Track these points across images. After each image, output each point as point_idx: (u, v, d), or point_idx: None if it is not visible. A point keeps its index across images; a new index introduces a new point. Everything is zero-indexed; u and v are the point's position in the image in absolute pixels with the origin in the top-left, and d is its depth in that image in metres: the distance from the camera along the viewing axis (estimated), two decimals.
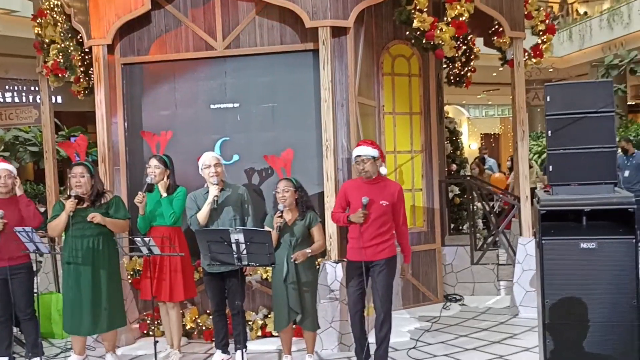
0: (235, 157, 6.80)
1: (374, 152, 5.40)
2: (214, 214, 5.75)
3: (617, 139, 6.54)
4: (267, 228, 5.51)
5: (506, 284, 7.98)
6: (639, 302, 3.97)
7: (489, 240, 8.51)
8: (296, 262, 5.49)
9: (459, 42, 8.76)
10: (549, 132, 4.26)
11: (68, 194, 5.73)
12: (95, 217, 5.61)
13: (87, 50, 7.35)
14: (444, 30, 6.42)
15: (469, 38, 9.02)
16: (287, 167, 5.91)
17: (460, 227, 9.92)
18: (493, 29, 7.66)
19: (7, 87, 19.07)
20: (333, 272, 6.20)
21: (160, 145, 6.19)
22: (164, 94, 7.04)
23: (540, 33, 7.80)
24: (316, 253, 5.71)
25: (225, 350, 5.99)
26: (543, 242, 4.07)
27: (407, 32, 6.62)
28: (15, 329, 6.30)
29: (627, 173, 11.86)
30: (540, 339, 4.30)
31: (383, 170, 5.50)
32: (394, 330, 5.63)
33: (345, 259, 5.73)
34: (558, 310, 4.06)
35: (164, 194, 5.90)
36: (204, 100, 6.95)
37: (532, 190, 7.36)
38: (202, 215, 5.73)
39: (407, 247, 5.60)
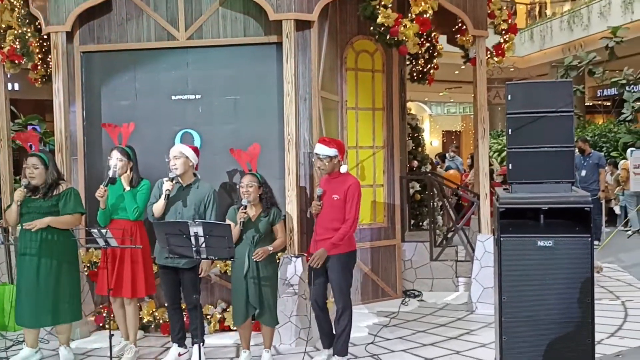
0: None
1: (331, 152, 5.46)
2: (172, 210, 5.67)
3: (575, 139, 6.62)
4: (228, 221, 5.46)
5: (464, 280, 8.07)
6: (592, 300, 4.03)
7: (449, 236, 8.57)
8: (255, 259, 5.45)
9: (422, 39, 8.88)
10: (509, 130, 4.30)
11: (22, 183, 5.61)
12: (34, 225, 5.48)
13: (45, 37, 7.18)
14: (408, 26, 6.44)
15: (432, 35, 9.08)
16: (253, 162, 5.85)
17: (420, 224, 9.98)
18: (456, 26, 7.72)
19: None
20: (293, 267, 6.18)
21: (123, 136, 6.06)
22: (124, 83, 6.92)
23: (503, 32, 7.88)
24: (277, 250, 5.68)
25: (181, 344, 5.92)
26: (501, 239, 4.11)
27: (372, 28, 6.61)
28: None
29: (583, 173, 12.09)
30: (496, 335, 4.34)
31: (343, 169, 5.51)
32: (352, 325, 5.64)
33: (306, 253, 5.73)
34: (514, 307, 4.11)
35: (127, 187, 5.77)
36: (165, 91, 6.85)
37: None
38: (156, 208, 5.64)
39: (336, 236, 5.36)
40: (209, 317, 6.53)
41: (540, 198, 4.14)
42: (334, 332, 5.54)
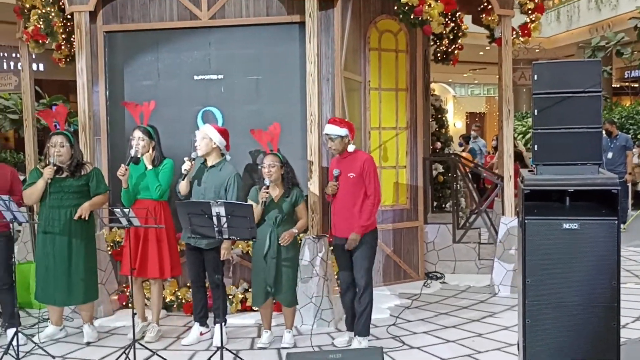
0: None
1: (342, 132, 5.45)
2: (196, 190, 5.69)
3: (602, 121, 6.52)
4: (250, 202, 5.45)
5: (487, 263, 8.01)
6: (618, 283, 3.97)
7: (472, 218, 8.51)
8: (282, 244, 5.45)
9: (447, 19, 8.76)
10: (535, 111, 4.22)
11: (46, 162, 5.64)
12: (83, 212, 5.57)
13: (69, 16, 7.19)
14: (432, 6, 6.35)
15: (457, 15, 8.96)
16: (274, 141, 5.82)
17: (443, 206, 9.92)
18: (482, 6, 7.60)
19: None
20: (314, 248, 6.17)
21: (144, 115, 6.07)
22: (146, 63, 6.92)
23: (529, 12, 7.74)
24: (301, 230, 5.66)
25: (203, 323, 5.95)
26: (526, 221, 4.05)
27: (395, 7, 6.52)
28: None
29: (610, 155, 11.92)
30: (519, 318, 4.30)
31: (351, 148, 5.48)
32: (374, 307, 5.62)
33: (328, 235, 5.72)
34: (538, 289, 4.05)
35: (150, 166, 5.78)
36: (187, 71, 6.84)
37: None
38: (180, 187, 5.74)
39: (363, 217, 5.37)
40: (230, 297, 6.56)
41: (566, 180, 4.06)
42: (356, 311, 5.53)
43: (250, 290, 6.52)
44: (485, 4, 7.50)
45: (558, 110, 4.17)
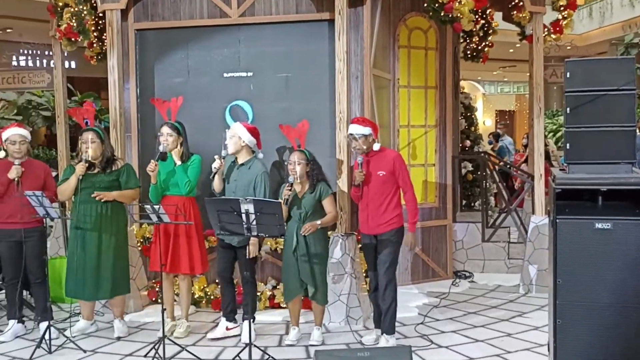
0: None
1: (365, 130, 5.40)
2: (228, 188, 5.74)
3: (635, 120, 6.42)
4: (280, 199, 5.48)
5: (517, 262, 7.94)
6: None
7: (501, 217, 8.43)
8: (305, 235, 5.46)
9: (477, 16, 8.68)
10: (568, 109, 4.17)
11: (79, 159, 5.72)
12: (104, 196, 5.63)
13: (100, 15, 7.27)
14: (463, 3, 6.31)
15: (487, 12, 8.87)
16: (302, 138, 5.82)
17: (472, 204, 9.85)
18: (513, 3, 7.52)
19: (20, 50, 19.04)
20: (343, 246, 6.17)
21: (172, 111, 6.12)
22: (177, 61, 6.98)
23: (561, 8, 7.65)
24: (328, 225, 5.65)
25: (230, 318, 5.98)
26: (557, 221, 4.00)
27: (425, 4, 6.50)
28: (24, 292, 6.33)
29: None
30: (550, 318, 4.25)
31: (376, 146, 5.44)
32: (402, 305, 5.61)
33: (354, 232, 5.72)
34: (570, 290, 4.01)
35: (178, 162, 5.83)
36: (217, 69, 6.88)
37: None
38: (214, 184, 5.79)
39: (411, 214, 5.42)
40: (259, 294, 6.58)
41: (599, 179, 4.01)
42: (380, 309, 5.51)
43: (278, 287, 6.55)
44: (517, 1, 7.42)
45: (591, 108, 4.11)
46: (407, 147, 7.55)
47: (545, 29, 7.63)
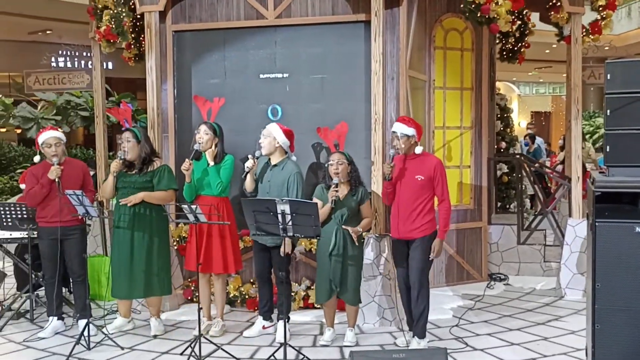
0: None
1: (408, 131, 5.36)
2: (261, 188, 5.78)
3: None
4: (315, 200, 5.50)
5: (553, 265, 7.85)
6: None
7: (537, 220, 8.35)
8: (345, 232, 5.47)
9: (514, 17, 8.60)
10: (608, 111, 4.12)
11: (116, 157, 5.83)
12: (128, 201, 5.70)
13: (138, 16, 7.37)
14: (500, 3, 6.25)
15: (524, 12, 8.79)
16: (341, 140, 5.82)
17: (508, 206, 9.76)
18: (550, 3, 7.44)
19: (60, 52, 19.37)
20: (378, 247, 6.17)
21: (212, 112, 6.18)
22: (213, 62, 7.04)
23: (600, 9, 7.55)
24: (365, 229, 5.66)
25: (267, 317, 6.04)
26: (597, 224, 3.96)
27: (462, 5, 6.46)
28: (63, 290, 6.45)
29: None
30: (588, 323, 4.20)
31: (418, 150, 5.40)
32: (436, 307, 5.59)
33: (389, 234, 5.71)
34: (609, 294, 3.96)
35: (212, 163, 5.89)
36: (253, 70, 6.93)
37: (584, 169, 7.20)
38: (246, 184, 5.83)
39: (443, 222, 5.38)
40: (293, 294, 6.61)
41: None
42: (412, 313, 5.49)
43: (312, 287, 6.57)
44: (554, 2, 7.35)
45: (631, 110, 4.06)
46: (442, 149, 7.52)
47: (584, 30, 7.53)
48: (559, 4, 7.23)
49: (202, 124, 5.96)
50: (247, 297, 6.75)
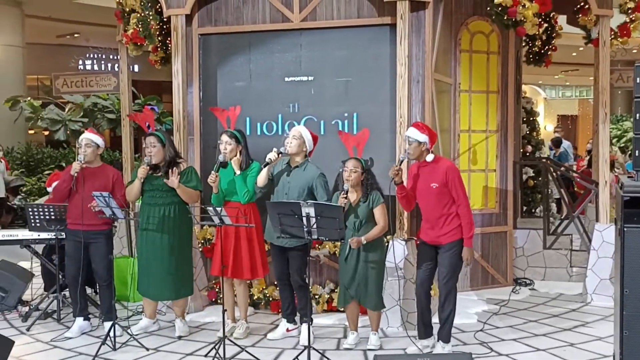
0: None
1: (420, 137, 5.30)
2: (280, 190, 5.77)
3: None
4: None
5: (579, 270, 7.77)
6: None
7: (563, 224, 8.27)
8: (352, 247, 5.43)
9: (540, 19, 8.53)
10: (637, 115, 4.07)
11: (142, 162, 5.89)
12: (172, 180, 5.72)
13: (165, 19, 7.43)
14: (527, 6, 6.23)
15: (551, 15, 8.72)
16: (360, 146, 5.78)
17: (533, 210, 9.68)
18: (578, 6, 7.38)
19: (87, 55, 19.60)
20: (401, 251, 6.15)
21: (230, 120, 6.20)
22: (239, 65, 7.07)
23: (629, 11, 7.46)
24: (375, 237, 5.48)
25: (290, 320, 6.04)
26: (625, 229, 3.91)
27: (488, 8, 6.44)
28: (89, 290, 6.52)
29: None
30: (616, 329, 4.16)
31: (429, 157, 5.32)
32: (461, 312, 5.55)
33: (416, 238, 5.69)
34: (637, 300, 3.91)
35: (238, 171, 5.85)
36: (278, 73, 6.94)
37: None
38: (259, 178, 5.78)
39: (465, 229, 5.29)
40: (317, 296, 6.61)
41: None
42: (439, 318, 5.46)
43: (336, 290, 6.57)
44: (582, 4, 7.28)
45: None
46: (467, 152, 7.48)
47: (612, 32, 7.45)
48: (587, 6, 7.16)
49: (223, 133, 5.94)
50: (271, 299, 6.76)
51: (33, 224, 6.58)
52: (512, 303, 7.09)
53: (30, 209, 6.59)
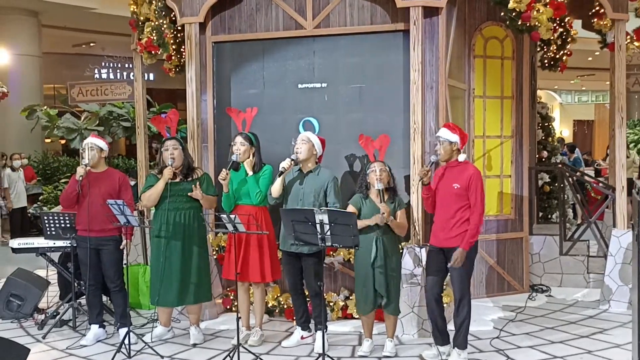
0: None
1: (452, 137, 5.33)
2: (294, 196, 5.76)
3: None
4: (351, 207, 5.49)
5: (596, 276, 7.69)
6: None
7: (580, 230, 8.19)
8: (385, 242, 5.44)
9: (555, 24, 8.49)
10: None
11: (159, 167, 5.89)
12: (196, 193, 5.78)
13: (179, 28, 7.47)
14: (541, 11, 6.18)
15: (566, 20, 8.68)
16: (382, 150, 5.79)
17: (549, 216, 9.61)
18: (593, 10, 7.33)
19: (102, 64, 19.74)
20: (416, 257, 6.12)
21: (247, 122, 6.22)
22: (252, 72, 7.08)
23: None
24: (395, 228, 5.52)
25: (305, 328, 6.03)
26: None
27: (502, 13, 6.40)
28: (104, 298, 6.54)
29: None
30: (634, 336, 4.11)
31: (461, 157, 5.37)
32: (477, 319, 5.51)
33: (427, 243, 5.66)
34: None
35: (250, 173, 5.91)
36: (292, 80, 6.95)
37: (630, 180, 7.05)
38: (274, 187, 5.80)
39: (470, 233, 5.23)
40: (332, 304, 6.59)
41: None
42: (453, 324, 5.42)
43: (351, 297, 6.54)
44: (597, 8, 7.24)
45: None
46: (482, 158, 7.44)
47: (628, 37, 7.39)
48: (602, 10, 7.12)
49: (238, 135, 6.01)
50: (285, 306, 6.74)
51: (48, 232, 6.62)
52: (529, 310, 7.03)
53: (45, 217, 6.64)
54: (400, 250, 5.99)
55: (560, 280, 7.90)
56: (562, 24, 8.73)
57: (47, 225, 6.60)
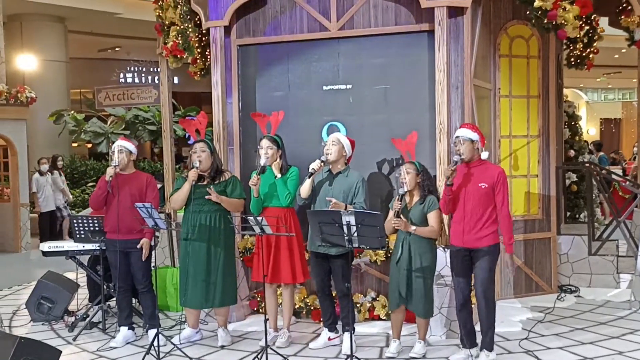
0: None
1: (473, 135, 5.29)
2: (322, 197, 5.77)
3: None
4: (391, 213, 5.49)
5: (627, 277, 7.60)
6: None
7: (609, 230, 8.09)
8: (412, 242, 5.43)
9: (582, 22, 8.40)
10: None
11: (189, 167, 5.94)
12: (211, 195, 5.77)
13: (204, 31, 7.51)
14: (567, 9, 6.13)
15: (592, 17, 8.58)
16: (411, 150, 5.78)
17: (577, 216, 9.51)
18: (620, 7, 7.25)
19: (128, 68, 19.92)
20: (444, 258, 6.10)
21: (272, 125, 6.23)
22: (277, 75, 7.10)
23: None
24: (424, 235, 5.49)
25: (332, 329, 6.03)
26: None
27: (527, 12, 6.36)
28: (133, 300, 6.60)
29: None
30: None
31: (484, 155, 5.35)
32: (505, 320, 5.47)
33: (450, 244, 5.65)
34: None
35: (278, 175, 5.93)
36: (316, 82, 6.96)
37: None
38: (303, 188, 5.81)
39: (506, 235, 5.26)
40: (358, 305, 6.59)
41: None
42: (480, 325, 5.39)
43: (377, 299, 6.55)
44: (624, 5, 7.16)
45: None
46: (508, 158, 7.39)
47: None
48: (629, 7, 7.05)
49: (264, 138, 6.02)
50: (312, 308, 6.75)
51: (78, 236, 6.70)
52: (557, 310, 6.97)
53: (75, 221, 6.72)
54: (436, 251, 5.90)
55: (590, 281, 7.82)
56: (589, 21, 8.63)
57: (76, 228, 6.68)
